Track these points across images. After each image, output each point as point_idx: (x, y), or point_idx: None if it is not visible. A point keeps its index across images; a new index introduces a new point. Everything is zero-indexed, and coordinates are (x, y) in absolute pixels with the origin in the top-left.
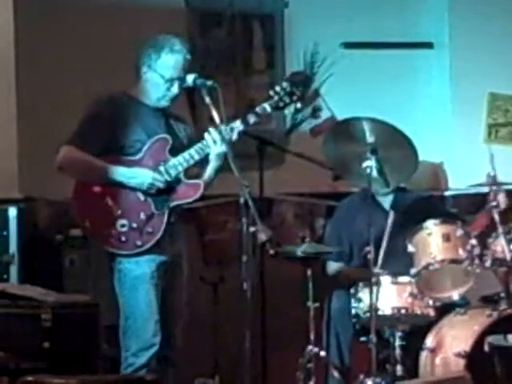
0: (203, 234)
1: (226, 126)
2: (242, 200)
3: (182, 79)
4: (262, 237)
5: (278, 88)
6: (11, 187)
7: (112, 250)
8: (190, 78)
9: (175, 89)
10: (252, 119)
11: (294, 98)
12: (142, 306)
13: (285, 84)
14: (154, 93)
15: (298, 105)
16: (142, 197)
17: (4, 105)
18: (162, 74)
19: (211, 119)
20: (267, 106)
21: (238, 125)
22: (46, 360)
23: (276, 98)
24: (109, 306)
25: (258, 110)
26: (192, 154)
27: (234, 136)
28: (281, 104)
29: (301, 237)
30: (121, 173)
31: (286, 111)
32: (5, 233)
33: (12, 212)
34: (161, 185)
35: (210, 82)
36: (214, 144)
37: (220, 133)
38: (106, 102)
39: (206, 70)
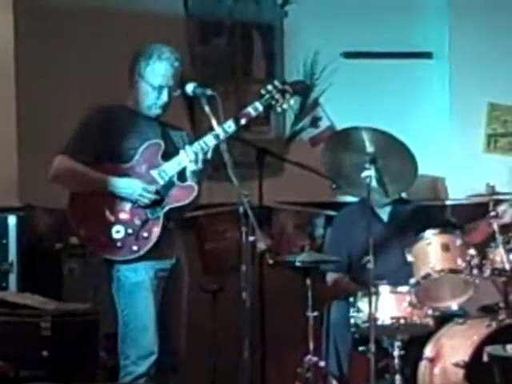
0: (202, 243)
1: (221, 126)
2: (241, 209)
3: (171, 87)
4: (262, 246)
5: (269, 86)
6: (11, 195)
7: (109, 256)
8: (190, 87)
9: (164, 96)
10: (243, 119)
11: (286, 95)
12: (141, 313)
13: (276, 82)
14: (145, 101)
15: (292, 101)
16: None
17: (4, 113)
18: (151, 81)
19: (211, 128)
20: (259, 105)
21: (230, 124)
22: (45, 368)
23: (267, 96)
24: (107, 314)
25: (249, 109)
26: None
27: (209, 154)
28: (273, 102)
29: (300, 246)
30: (112, 183)
31: (288, 121)
32: (4, 241)
33: (11, 220)
34: (151, 197)
35: (209, 91)
36: (189, 162)
37: (198, 150)
38: (98, 112)
39: (206, 78)
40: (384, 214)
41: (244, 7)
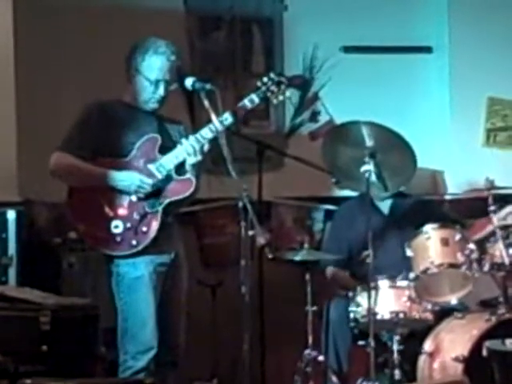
0: (202, 237)
1: (218, 119)
2: (240, 203)
3: (168, 81)
4: (261, 240)
5: (265, 78)
6: (10, 190)
7: (108, 251)
8: (189, 82)
9: (161, 91)
10: (240, 112)
11: (282, 86)
12: (141, 308)
13: (272, 74)
14: (142, 95)
15: (288, 93)
16: (134, 197)
17: (3, 108)
18: (148, 76)
19: (210, 122)
20: (255, 97)
21: (227, 117)
22: (44, 363)
23: (263, 88)
24: (107, 308)
25: (245, 101)
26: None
27: (206, 146)
28: (268, 94)
29: (299, 241)
30: (110, 176)
31: (287, 115)
32: (3, 235)
33: (11, 215)
34: (148, 188)
35: (208, 86)
36: (187, 155)
37: (194, 143)
38: (95, 107)
39: (205, 73)
40: (385, 207)
41: (244, 1)
